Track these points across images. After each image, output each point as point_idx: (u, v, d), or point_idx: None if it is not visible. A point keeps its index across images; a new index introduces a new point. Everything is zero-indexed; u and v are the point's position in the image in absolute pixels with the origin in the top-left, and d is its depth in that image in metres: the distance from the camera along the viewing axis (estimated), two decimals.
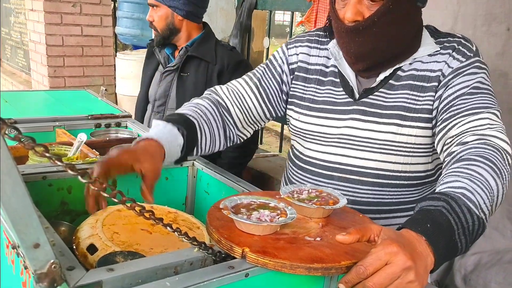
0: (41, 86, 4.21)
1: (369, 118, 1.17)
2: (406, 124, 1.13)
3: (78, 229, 0.99)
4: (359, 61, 1.15)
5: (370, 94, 1.18)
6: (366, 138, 1.17)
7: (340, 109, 1.21)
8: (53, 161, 0.60)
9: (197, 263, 0.83)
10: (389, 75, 1.17)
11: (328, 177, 1.22)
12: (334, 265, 0.80)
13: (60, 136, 1.59)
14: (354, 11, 1.06)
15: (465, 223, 0.86)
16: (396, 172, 1.17)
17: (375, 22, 1.06)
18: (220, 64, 2.11)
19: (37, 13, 3.99)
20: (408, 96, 1.14)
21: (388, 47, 1.11)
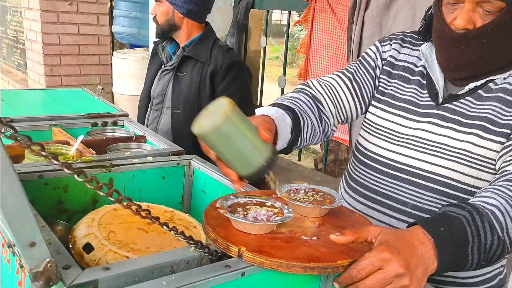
0: (38, 85, 4.20)
1: (448, 124, 1.11)
2: (488, 137, 1.07)
3: (74, 228, 0.99)
4: (459, 69, 1.09)
5: (454, 100, 1.13)
6: (441, 144, 1.11)
7: (420, 111, 1.16)
8: (49, 160, 0.60)
9: (193, 262, 0.83)
10: (480, 86, 1.11)
11: (393, 176, 1.18)
12: (331, 264, 0.80)
13: (56, 135, 1.59)
14: (466, 18, 1.00)
15: (483, 239, 0.84)
16: (466, 185, 1.10)
17: (488, 33, 0.99)
18: (214, 65, 2.11)
19: (33, 11, 3.98)
20: (495, 109, 1.08)
21: (493, 60, 1.05)
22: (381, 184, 1.20)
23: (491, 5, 0.97)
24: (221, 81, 2.10)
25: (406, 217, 1.15)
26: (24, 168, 1.16)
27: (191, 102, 2.14)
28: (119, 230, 1.00)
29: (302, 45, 2.62)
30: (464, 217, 0.85)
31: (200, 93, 2.12)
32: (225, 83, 2.11)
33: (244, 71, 2.17)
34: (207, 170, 1.33)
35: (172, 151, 1.43)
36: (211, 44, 2.18)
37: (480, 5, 0.99)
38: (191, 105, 2.14)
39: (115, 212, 1.09)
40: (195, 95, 2.13)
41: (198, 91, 2.12)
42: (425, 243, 0.81)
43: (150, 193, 1.33)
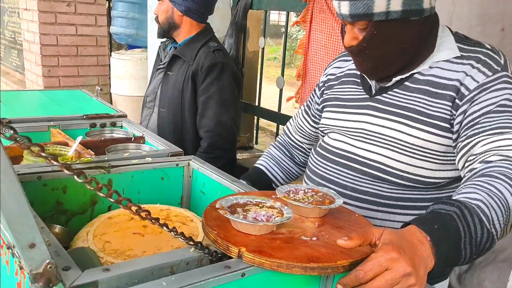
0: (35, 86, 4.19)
1: (381, 114, 1.23)
2: (416, 126, 1.16)
3: (71, 245, 1.00)
4: (367, 74, 1.27)
5: (384, 92, 1.24)
6: (376, 133, 1.23)
7: (357, 104, 1.30)
8: (49, 161, 0.59)
9: (193, 263, 0.83)
10: (405, 78, 1.21)
11: (336, 163, 1.30)
12: (331, 264, 0.80)
13: (55, 136, 1.59)
14: (349, 37, 1.18)
15: (474, 233, 0.87)
16: (398, 170, 1.20)
17: (365, 47, 1.16)
18: (196, 65, 2.10)
19: (31, 12, 3.97)
20: (422, 100, 1.17)
21: (388, 64, 1.18)
22: (326, 169, 1.33)
23: (359, 24, 1.14)
24: (202, 81, 2.08)
25: (347, 199, 1.25)
26: (22, 169, 1.16)
27: (175, 102, 2.13)
28: (115, 238, 1.00)
29: (301, 45, 2.62)
30: (454, 213, 0.87)
31: (183, 93, 2.12)
32: (205, 84, 2.08)
33: (226, 73, 2.11)
34: (206, 171, 1.33)
35: (171, 152, 1.43)
36: (201, 45, 2.15)
37: (354, 25, 1.16)
38: (175, 104, 2.14)
39: (109, 221, 1.09)
40: (179, 95, 2.12)
41: (182, 90, 2.12)
42: (423, 242, 0.82)
43: (149, 194, 1.32)
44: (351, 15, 1.12)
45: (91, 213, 1.23)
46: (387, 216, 1.23)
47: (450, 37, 1.20)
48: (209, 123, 2.08)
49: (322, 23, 2.46)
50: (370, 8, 1.09)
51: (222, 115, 2.10)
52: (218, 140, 2.10)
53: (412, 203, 1.21)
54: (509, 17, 1.57)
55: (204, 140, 2.11)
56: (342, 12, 1.14)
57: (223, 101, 2.10)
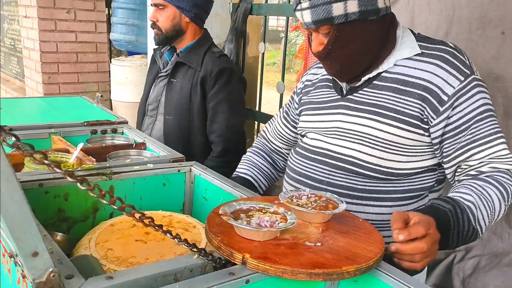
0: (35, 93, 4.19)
1: (353, 112, 1.29)
2: (386, 122, 1.23)
3: (73, 252, 0.99)
4: (337, 77, 1.33)
5: (355, 92, 1.31)
6: (349, 130, 1.28)
7: (330, 105, 1.36)
8: (52, 168, 0.59)
9: (197, 270, 0.82)
10: (373, 77, 1.28)
11: (312, 159, 1.36)
12: (336, 270, 0.79)
13: (56, 143, 1.58)
14: (315, 44, 1.26)
15: (462, 228, 1.11)
16: (370, 164, 1.25)
17: (331, 50, 1.22)
18: (204, 71, 2.10)
19: (31, 19, 3.98)
20: (391, 98, 1.24)
21: (355, 64, 1.25)
22: (303, 167, 1.38)
23: (322, 30, 1.22)
24: (211, 87, 2.09)
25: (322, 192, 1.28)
26: (24, 176, 1.15)
27: (183, 108, 2.13)
28: (117, 246, 1.00)
29: (300, 50, 2.63)
30: (449, 210, 1.11)
31: (192, 99, 2.11)
32: (215, 90, 2.09)
33: (234, 78, 2.14)
34: (208, 177, 1.33)
35: (172, 157, 1.43)
36: (205, 50, 2.16)
37: (318, 32, 1.23)
38: (183, 111, 2.13)
39: (111, 228, 1.08)
40: (187, 101, 2.12)
41: (190, 97, 2.11)
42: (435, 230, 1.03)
43: (151, 200, 1.32)
44: (314, 21, 1.19)
45: (93, 220, 1.23)
46: (361, 208, 1.27)
47: (411, 37, 1.27)
48: (221, 128, 2.10)
49: None
50: (330, 12, 1.16)
51: (233, 119, 2.12)
52: (231, 144, 2.12)
53: (384, 194, 1.26)
54: (509, 20, 1.57)
55: (217, 144, 2.12)
56: (305, 21, 1.22)
57: (233, 106, 2.13)
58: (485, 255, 1.68)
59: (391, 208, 1.26)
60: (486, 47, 1.64)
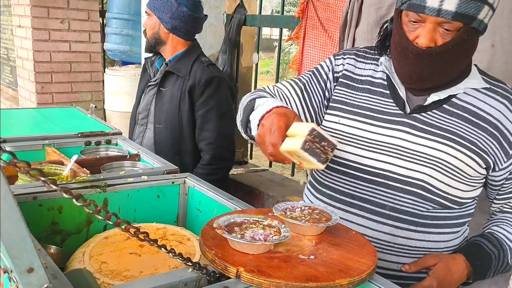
0: (29, 103, 4.18)
1: (420, 133, 1.19)
2: (459, 149, 1.16)
3: (67, 266, 0.99)
4: (419, 81, 1.17)
5: (422, 111, 1.20)
6: (417, 152, 1.18)
7: (388, 118, 1.22)
8: (48, 185, 0.59)
9: (191, 283, 0.82)
10: (443, 100, 1.20)
11: (368, 181, 1.21)
12: (329, 283, 0.80)
13: (50, 155, 1.58)
14: (429, 37, 1.08)
15: (500, 266, 1.22)
16: (440, 190, 1.18)
17: (449, 50, 1.08)
18: (192, 80, 2.13)
19: (24, 29, 3.98)
20: (463, 126, 1.18)
21: (450, 72, 1.15)
22: (357, 188, 1.23)
23: (451, 25, 1.06)
24: (200, 96, 2.12)
25: (385, 219, 1.21)
26: (18, 189, 1.15)
27: (172, 117, 2.15)
28: (111, 259, 1.00)
29: (294, 61, 2.65)
30: (494, 254, 1.21)
31: (180, 108, 2.14)
32: (203, 98, 2.12)
33: (222, 86, 2.17)
34: (202, 189, 1.33)
35: (166, 169, 1.43)
36: (193, 60, 2.19)
37: (441, 25, 1.07)
38: (172, 119, 2.15)
39: (105, 241, 1.09)
40: (176, 110, 2.14)
41: (179, 105, 2.13)
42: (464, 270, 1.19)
43: (145, 212, 1.32)
44: (457, 13, 1.04)
45: (86, 233, 1.23)
46: (423, 236, 1.21)
47: (474, 68, 1.23)
48: (210, 136, 2.13)
49: (315, 39, 2.49)
50: (478, 11, 1.05)
51: (222, 127, 2.15)
52: (220, 151, 2.15)
53: (443, 221, 1.23)
54: (499, 33, 1.59)
55: (206, 152, 2.15)
56: (444, 8, 1.04)
57: (222, 114, 2.15)
58: None
59: (447, 235, 1.24)
60: (476, 60, 1.65)
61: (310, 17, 2.51)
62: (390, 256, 1.22)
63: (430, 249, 1.22)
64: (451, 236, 1.25)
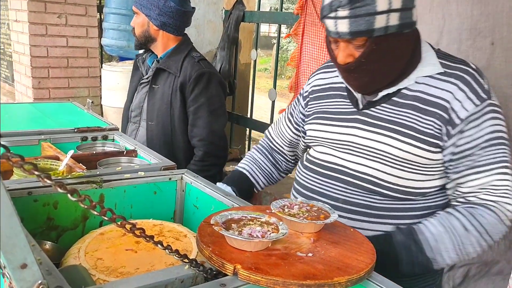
0: (25, 98, 4.15)
1: (370, 128, 1.24)
2: (405, 141, 1.19)
3: (63, 262, 0.98)
4: (360, 89, 1.25)
5: (372, 106, 1.26)
6: (366, 146, 1.24)
7: (344, 117, 1.30)
8: (42, 180, 0.58)
9: (188, 281, 0.81)
10: (393, 93, 1.23)
11: (327, 176, 1.30)
12: (327, 281, 0.79)
13: (45, 150, 1.57)
14: (344, 55, 1.17)
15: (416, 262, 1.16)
16: (389, 183, 1.22)
17: (363, 62, 1.15)
18: (183, 76, 2.11)
19: (21, 24, 3.95)
20: (411, 116, 1.20)
21: (384, 77, 1.20)
22: (315, 183, 1.33)
23: (357, 41, 1.14)
24: (191, 92, 2.11)
25: (339, 211, 1.24)
26: (13, 184, 1.14)
27: (164, 114, 2.14)
28: (107, 255, 0.99)
29: (293, 58, 2.63)
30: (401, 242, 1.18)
31: (172, 105, 2.13)
32: (194, 94, 2.11)
33: (213, 81, 2.15)
34: (199, 185, 1.32)
35: (163, 165, 1.42)
36: (184, 56, 2.17)
37: (350, 42, 1.15)
38: (164, 116, 2.14)
39: (101, 237, 1.07)
40: (168, 107, 2.13)
41: (170, 102, 2.12)
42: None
43: (142, 209, 1.31)
44: (351, 32, 1.11)
45: (82, 229, 1.22)
46: (380, 227, 1.23)
47: (432, 53, 1.24)
48: (202, 132, 2.11)
49: (314, 36, 2.48)
50: (372, 24, 1.09)
51: (214, 123, 2.13)
52: (212, 148, 2.13)
53: (402, 212, 1.24)
54: (498, 31, 1.59)
55: (198, 148, 2.13)
56: (339, 30, 1.12)
57: (213, 110, 2.14)
58: (475, 264, 1.69)
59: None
60: (476, 58, 1.66)
61: (309, 13, 2.50)
62: None
63: None
64: None
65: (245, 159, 1.62)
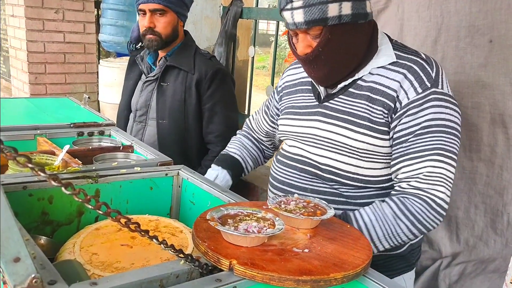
0: (22, 93, 4.14)
1: (329, 120, 1.28)
2: (360, 131, 1.22)
3: (57, 257, 0.97)
4: (319, 81, 1.30)
5: (331, 98, 1.30)
6: (325, 138, 1.28)
7: (307, 111, 1.35)
8: (36, 172, 0.58)
9: (183, 276, 0.81)
10: (349, 84, 1.27)
11: (293, 167, 1.36)
12: (323, 277, 0.79)
13: (41, 145, 1.56)
14: (303, 46, 1.21)
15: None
16: (348, 172, 1.26)
17: (320, 52, 1.19)
18: (198, 73, 2.11)
19: (18, 19, 3.93)
20: (364, 106, 1.24)
21: (342, 68, 1.24)
22: (285, 175, 1.38)
23: (312, 31, 1.18)
24: (207, 89, 2.12)
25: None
26: (7, 179, 1.13)
27: (177, 112, 2.12)
28: (102, 250, 0.98)
29: (290, 55, 2.63)
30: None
31: (186, 102, 2.12)
32: (210, 91, 2.12)
33: (227, 79, 2.19)
34: (195, 181, 1.31)
35: (160, 161, 1.41)
36: (193, 53, 2.17)
37: (307, 33, 1.20)
38: (177, 114, 2.13)
39: (96, 232, 1.07)
40: (181, 104, 2.12)
41: (184, 100, 2.11)
42: None
43: (138, 204, 1.30)
44: (306, 21, 1.16)
45: (77, 224, 1.21)
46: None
47: (388, 45, 1.27)
48: (219, 128, 2.13)
49: None
50: (325, 13, 1.14)
51: (230, 119, 2.17)
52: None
53: (367, 200, 1.27)
54: (497, 28, 1.58)
55: (215, 144, 2.15)
56: (296, 21, 1.17)
57: (229, 105, 2.18)
58: (471, 262, 1.69)
59: None
60: (474, 55, 1.65)
61: None
62: None
63: None
64: None
65: (234, 144, 1.68)
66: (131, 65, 2.34)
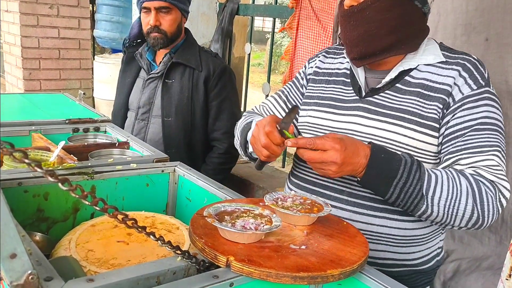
0: (16, 89, 4.11)
1: (373, 116, 1.22)
2: (410, 127, 1.17)
3: (53, 253, 0.97)
4: (353, 46, 1.21)
5: (375, 94, 1.24)
6: (368, 134, 1.21)
7: (346, 105, 1.28)
8: (32, 168, 0.57)
9: (180, 272, 0.81)
10: (396, 79, 1.23)
11: None
12: (320, 273, 0.79)
13: (36, 141, 1.55)
14: None
15: (409, 184, 1.07)
16: None
17: (369, 6, 1.15)
18: (206, 71, 2.12)
19: (12, 14, 3.90)
20: (416, 103, 1.19)
21: (379, 33, 1.17)
22: (318, 175, 1.28)
23: None
24: (214, 86, 2.14)
25: (344, 204, 1.23)
26: (3, 175, 1.12)
27: (183, 109, 2.12)
28: (98, 247, 0.98)
29: (287, 52, 2.63)
30: (405, 160, 1.09)
31: (193, 99, 2.12)
32: (218, 89, 2.14)
33: (233, 76, 2.23)
34: (192, 177, 1.31)
35: (156, 158, 1.41)
36: (198, 50, 2.18)
37: None
38: (184, 112, 2.12)
39: (92, 229, 1.06)
40: (188, 102, 2.11)
41: (191, 97, 2.11)
42: (364, 156, 1.06)
43: (134, 201, 1.30)
44: None
45: (73, 221, 1.20)
46: (384, 222, 1.20)
47: (435, 45, 1.26)
48: (226, 125, 2.15)
49: (308, 30, 2.47)
50: None
51: (236, 116, 2.18)
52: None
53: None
54: (493, 27, 1.59)
55: (222, 141, 2.16)
56: None
57: (235, 103, 2.22)
58: (465, 259, 1.70)
59: (413, 223, 1.21)
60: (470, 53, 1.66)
61: (304, 7, 2.49)
62: None
63: (393, 236, 1.21)
64: (418, 224, 1.22)
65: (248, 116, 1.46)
66: (128, 62, 2.32)
